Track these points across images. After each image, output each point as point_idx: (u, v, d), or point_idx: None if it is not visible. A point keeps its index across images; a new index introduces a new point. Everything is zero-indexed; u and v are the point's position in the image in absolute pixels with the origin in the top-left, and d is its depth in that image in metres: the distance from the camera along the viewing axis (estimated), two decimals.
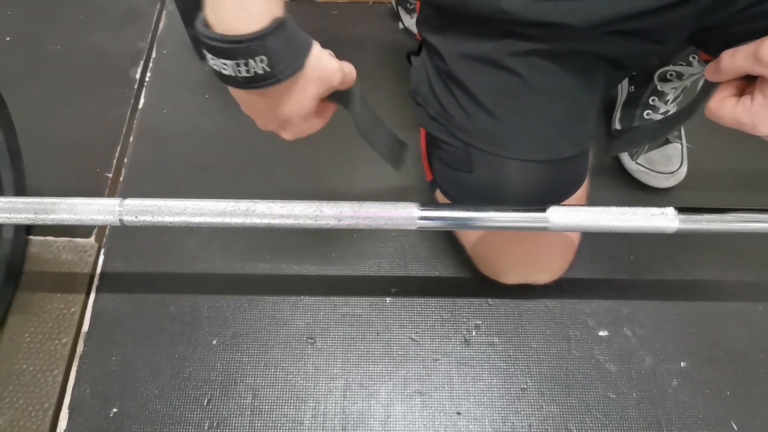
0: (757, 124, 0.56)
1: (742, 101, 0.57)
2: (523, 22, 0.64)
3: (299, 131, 0.59)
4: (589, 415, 0.87)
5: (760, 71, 0.54)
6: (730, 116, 0.58)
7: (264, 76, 0.50)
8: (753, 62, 0.54)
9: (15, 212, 0.70)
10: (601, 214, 0.68)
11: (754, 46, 0.54)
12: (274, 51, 0.48)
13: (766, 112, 0.55)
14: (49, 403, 0.86)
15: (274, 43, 0.48)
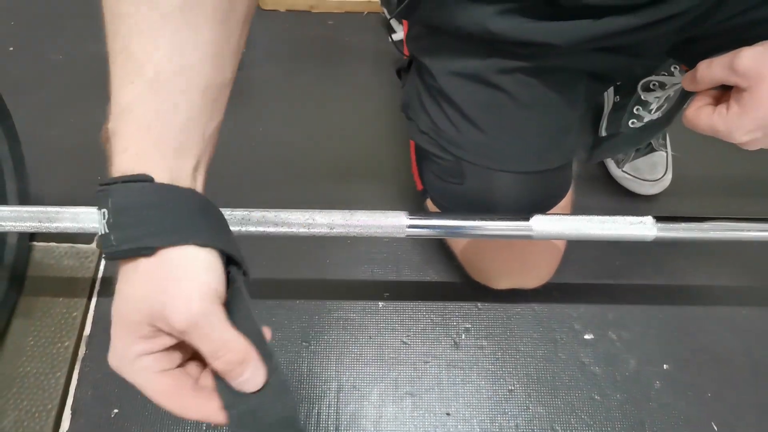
0: (732, 131, 0.58)
1: (718, 110, 0.59)
2: (509, 42, 0.66)
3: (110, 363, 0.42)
4: (575, 416, 0.89)
5: (734, 81, 0.56)
6: (706, 124, 0.60)
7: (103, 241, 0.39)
8: (728, 72, 0.56)
9: (20, 221, 0.72)
10: (582, 222, 0.71)
11: (730, 57, 0.56)
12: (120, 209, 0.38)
13: (740, 120, 0.57)
14: (52, 405, 0.89)
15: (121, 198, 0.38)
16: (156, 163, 0.39)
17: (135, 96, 0.39)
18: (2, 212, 0.73)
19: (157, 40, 0.39)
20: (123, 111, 0.39)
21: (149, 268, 0.38)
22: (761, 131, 0.57)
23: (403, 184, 1.06)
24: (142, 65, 0.39)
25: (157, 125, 0.39)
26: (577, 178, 0.92)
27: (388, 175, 1.09)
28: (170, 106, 0.40)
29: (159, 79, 0.39)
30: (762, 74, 0.53)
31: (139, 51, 0.39)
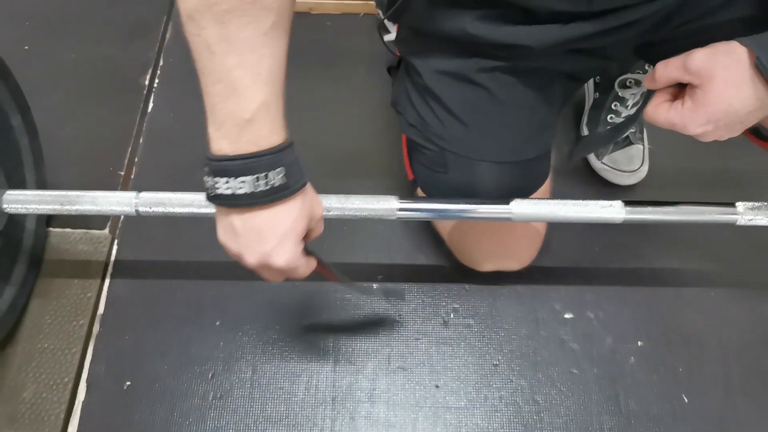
0: (686, 125, 0.63)
1: (674, 105, 0.65)
2: (488, 44, 0.73)
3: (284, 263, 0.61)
4: (554, 389, 0.96)
5: (688, 79, 0.62)
6: (664, 119, 0.66)
7: (280, 188, 0.56)
8: (682, 72, 0.62)
9: (43, 203, 0.79)
10: (557, 206, 0.78)
11: (683, 58, 0.62)
12: (290, 164, 0.57)
13: (694, 114, 0.62)
14: (69, 378, 0.95)
15: (289, 157, 0.57)
16: (285, 134, 0.58)
17: (265, 92, 0.54)
18: (27, 196, 0.80)
19: (263, 51, 0.53)
20: (261, 104, 0.54)
21: (306, 193, 0.62)
22: (712, 124, 0.62)
23: (396, 176, 1.12)
24: (259, 72, 0.53)
25: (280, 111, 0.57)
26: (558, 169, 0.98)
27: (381, 168, 1.15)
28: (280, 95, 0.57)
29: (272, 79, 0.55)
30: (712, 73, 0.59)
31: (254, 62, 0.53)
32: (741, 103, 0.60)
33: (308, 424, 0.93)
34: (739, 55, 0.58)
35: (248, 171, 0.55)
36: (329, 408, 0.94)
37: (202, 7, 0.50)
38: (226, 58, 0.52)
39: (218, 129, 0.55)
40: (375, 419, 0.93)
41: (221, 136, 0.55)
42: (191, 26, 0.52)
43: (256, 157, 0.55)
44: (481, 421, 0.93)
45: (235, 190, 0.56)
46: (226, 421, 0.92)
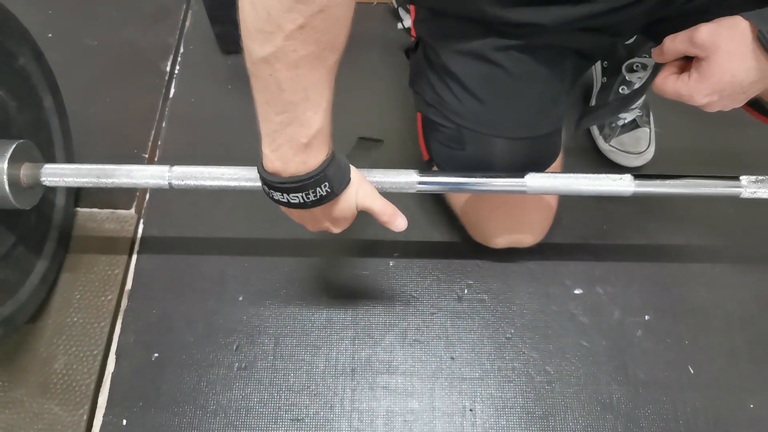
0: (693, 95, 0.68)
1: (681, 77, 0.69)
2: (503, 23, 0.77)
3: (344, 224, 0.75)
4: (565, 360, 0.99)
5: (694, 52, 0.66)
6: (672, 89, 0.70)
7: (327, 197, 0.65)
8: (689, 45, 0.66)
9: (80, 176, 0.82)
10: (570, 179, 0.81)
11: (690, 32, 0.66)
12: (332, 177, 0.64)
13: (700, 85, 0.66)
14: (98, 350, 0.99)
15: (331, 171, 0.64)
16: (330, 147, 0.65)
17: (322, 120, 0.61)
18: (64, 169, 0.83)
19: (324, 85, 0.59)
20: (318, 130, 0.61)
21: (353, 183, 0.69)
22: (717, 95, 0.67)
23: (410, 157, 1.17)
24: (320, 103, 0.59)
25: (330, 130, 0.63)
26: (568, 151, 1.01)
27: (395, 147, 1.19)
28: (331, 117, 0.63)
29: (329, 108, 0.61)
30: (717, 45, 0.63)
31: (317, 95, 0.59)
32: (744, 74, 0.64)
33: (329, 393, 0.96)
34: (743, 28, 0.62)
35: (299, 189, 0.63)
36: (349, 378, 0.98)
37: (279, 54, 0.54)
38: (294, 94, 0.57)
39: (274, 150, 0.62)
40: (393, 389, 0.97)
41: (276, 157, 0.62)
42: (264, 68, 0.56)
43: (305, 180, 0.62)
44: (495, 390, 0.97)
45: (289, 200, 0.65)
46: (251, 390, 0.96)
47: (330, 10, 0.53)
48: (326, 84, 0.59)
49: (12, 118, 0.87)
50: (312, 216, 0.71)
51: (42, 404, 0.94)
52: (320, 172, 0.63)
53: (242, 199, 1.12)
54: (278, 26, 0.52)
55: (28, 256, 0.93)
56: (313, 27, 0.53)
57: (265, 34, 0.53)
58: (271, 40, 0.53)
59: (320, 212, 0.70)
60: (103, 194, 1.12)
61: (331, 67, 0.58)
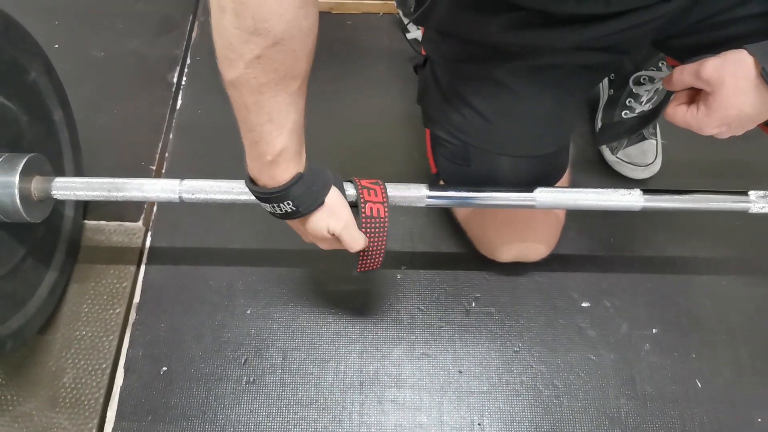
0: (701, 127, 0.70)
1: (690, 109, 0.71)
2: (511, 44, 0.77)
3: (326, 245, 0.78)
4: (573, 374, 0.99)
5: (701, 86, 0.68)
6: (681, 120, 0.72)
7: (292, 214, 0.70)
8: (695, 79, 0.68)
9: (91, 190, 0.83)
10: (579, 194, 0.82)
11: (696, 66, 0.67)
12: (298, 196, 0.68)
13: (707, 118, 0.68)
14: (107, 364, 0.99)
15: (297, 191, 0.67)
16: (301, 166, 0.68)
17: (286, 141, 0.63)
18: (75, 183, 0.84)
19: (289, 109, 0.62)
20: (282, 150, 0.64)
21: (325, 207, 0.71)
22: (725, 126, 0.69)
23: (417, 169, 1.17)
24: (284, 125, 0.62)
25: (298, 150, 0.66)
26: (574, 162, 1.02)
27: (401, 159, 1.20)
28: (300, 139, 0.66)
29: (294, 129, 0.64)
30: (722, 81, 0.65)
31: (281, 117, 0.62)
32: (750, 108, 0.66)
33: (337, 407, 0.96)
34: (747, 65, 0.64)
35: (266, 201, 0.70)
36: (357, 392, 0.98)
37: (242, 79, 0.58)
38: (259, 116, 0.61)
39: (251, 162, 0.68)
40: (401, 403, 0.97)
41: (251, 168, 0.68)
42: (232, 91, 0.60)
43: (270, 194, 0.68)
44: (503, 404, 0.97)
45: (264, 207, 0.72)
46: (259, 404, 0.96)
47: (285, 43, 0.56)
48: (291, 107, 0.62)
49: (23, 131, 0.87)
50: (294, 227, 0.77)
51: (51, 418, 0.94)
52: (284, 189, 0.67)
53: (250, 212, 1.12)
54: (239, 55, 0.56)
55: (37, 269, 0.93)
56: (270, 57, 0.56)
57: (229, 61, 0.57)
58: (234, 66, 0.57)
59: (295, 226, 0.76)
60: (111, 206, 1.12)
61: (295, 92, 0.61)
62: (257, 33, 0.54)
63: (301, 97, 0.63)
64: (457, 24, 0.79)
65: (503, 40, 0.77)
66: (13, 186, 0.78)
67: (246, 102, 0.59)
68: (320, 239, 0.75)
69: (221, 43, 0.56)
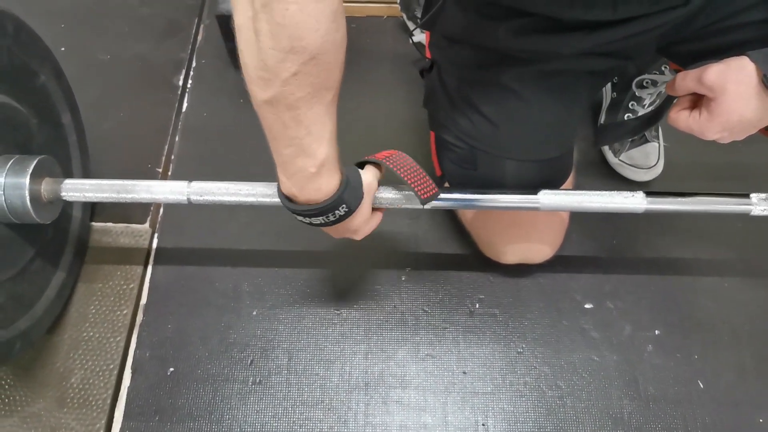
0: (703, 132, 0.71)
1: (692, 114, 0.72)
2: (518, 50, 0.78)
3: (365, 231, 0.78)
4: (576, 375, 1.00)
5: (703, 92, 0.69)
6: (683, 125, 0.73)
7: (346, 215, 0.69)
8: (698, 84, 0.69)
9: (100, 192, 0.83)
10: (583, 196, 0.82)
11: (699, 72, 0.68)
12: (348, 198, 0.68)
13: (709, 123, 0.70)
14: (114, 365, 1.00)
15: (346, 195, 0.68)
16: (341, 173, 0.68)
17: (327, 150, 0.64)
18: (84, 185, 0.84)
19: (325, 120, 0.62)
20: (324, 159, 0.64)
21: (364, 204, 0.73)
22: (727, 131, 0.70)
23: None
24: (323, 135, 0.63)
25: (337, 157, 0.66)
26: (577, 165, 1.02)
27: None
28: (337, 146, 0.66)
29: (332, 138, 0.64)
30: (724, 88, 0.66)
31: (319, 128, 0.62)
32: (752, 113, 0.67)
33: (343, 408, 0.97)
34: (749, 71, 0.65)
35: (318, 213, 0.68)
36: (362, 393, 0.98)
37: (279, 97, 0.58)
38: (298, 131, 0.61)
39: (289, 179, 0.66)
40: (406, 404, 0.98)
41: (292, 185, 0.67)
42: (267, 109, 0.60)
43: (323, 206, 0.67)
44: (507, 405, 0.98)
45: (312, 221, 0.70)
46: (265, 405, 0.97)
47: (321, 57, 0.56)
48: (327, 117, 0.63)
49: (33, 134, 0.88)
50: (334, 229, 0.74)
51: (59, 418, 0.95)
52: (337, 197, 0.67)
53: (256, 213, 1.13)
54: (275, 74, 0.56)
55: (45, 270, 0.94)
56: (307, 73, 0.56)
57: (264, 81, 0.57)
58: (270, 86, 0.57)
59: (341, 226, 0.73)
60: (118, 208, 1.12)
61: (329, 103, 0.62)
62: (294, 51, 0.54)
63: (335, 106, 0.64)
64: (465, 29, 0.80)
65: (511, 46, 0.77)
66: (24, 187, 0.78)
67: (283, 118, 0.60)
68: (364, 229, 0.77)
69: (255, 65, 0.56)
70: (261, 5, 0.52)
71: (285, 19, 0.52)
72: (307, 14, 0.53)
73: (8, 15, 0.83)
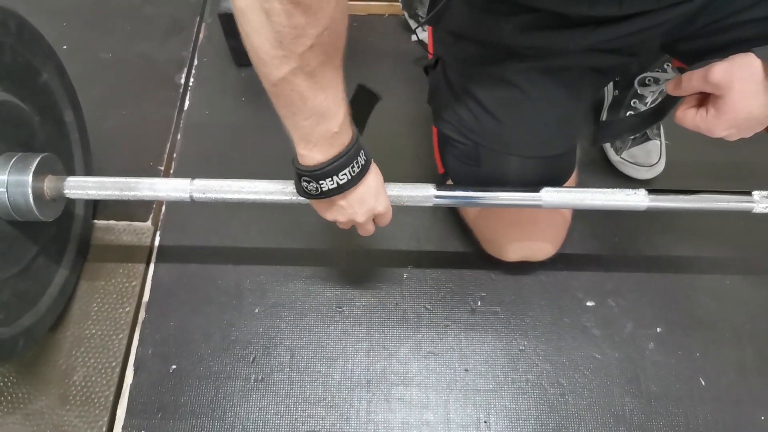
0: (711, 129, 0.72)
1: (699, 112, 0.72)
2: (523, 47, 0.78)
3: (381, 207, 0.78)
4: (578, 372, 1.00)
5: (710, 90, 0.69)
6: (691, 123, 0.73)
7: (366, 164, 0.72)
8: (704, 83, 0.69)
9: (103, 189, 0.84)
10: (585, 194, 0.83)
11: (705, 71, 0.68)
12: (364, 146, 0.71)
13: (717, 121, 0.70)
14: (116, 362, 1.00)
15: (361, 141, 0.70)
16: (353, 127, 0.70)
17: (344, 107, 0.66)
18: (87, 182, 0.85)
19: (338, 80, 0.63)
20: (344, 116, 0.66)
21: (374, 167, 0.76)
22: (735, 128, 0.70)
23: (423, 169, 1.18)
24: (338, 95, 0.64)
25: (348, 113, 0.67)
26: (579, 163, 1.02)
27: (409, 161, 1.21)
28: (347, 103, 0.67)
29: (344, 96, 0.65)
30: (730, 85, 0.66)
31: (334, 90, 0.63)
32: (759, 110, 0.67)
33: (345, 405, 0.97)
34: (755, 67, 0.65)
35: (345, 165, 0.68)
36: (365, 390, 0.99)
37: (296, 71, 0.58)
38: (316, 100, 0.62)
39: (312, 148, 0.66)
40: (408, 401, 0.98)
41: (316, 151, 0.67)
42: (285, 85, 0.60)
43: (346, 154, 0.68)
44: (509, 402, 0.98)
45: (339, 182, 0.70)
46: (267, 402, 0.97)
47: (333, 26, 0.57)
48: (338, 78, 0.63)
49: (36, 132, 0.88)
50: (358, 202, 0.75)
51: (62, 416, 0.95)
52: (355, 143, 0.69)
53: (258, 211, 1.13)
54: (291, 50, 0.56)
55: (48, 267, 0.94)
56: (321, 43, 0.57)
57: (279, 59, 0.57)
58: (287, 62, 0.57)
59: (365, 191, 0.74)
60: (120, 207, 1.13)
61: (339, 64, 0.63)
62: (309, 25, 0.55)
63: (342, 68, 0.64)
64: (471, 25, 0.80)
65: (516, 42, 0.78)
66: (27, 185, 0.79)
67: (301, 91, 0.60)
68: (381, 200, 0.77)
69: (268, 46, 0.56)
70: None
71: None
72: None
73: (11, 13, 0.83)
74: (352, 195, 0.73)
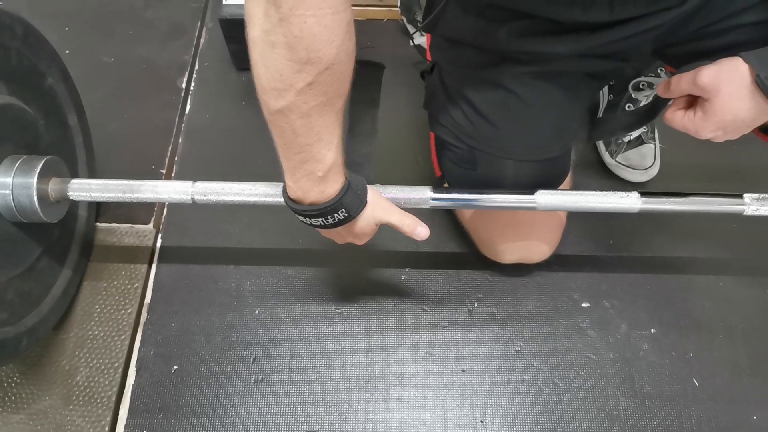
0: (698, 131, 0.73)
1: (688, 114, 0.74)
2: (518, 52, 0.80)
3: (366, 239, 0.80)
4: (573, 372, 1.02)
5: (698, 93, 0.71)
6: (679, 124, 0.75)
7: (345, 220, 0.72)
8: (692, 86, 0.71)
9: (106, 191, 0.85)
10: (579, 196, 0.84)
11: (693, 74, 0.70)
12: (348, 203, 0.70)
13: (704, 123, 0.71)
14: (119, 363, 1.01)
15: (347, 199, 0.70)
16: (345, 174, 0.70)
17: (335, 155, 0.66)
18: (91, 185, 0.86)
19: (335, 125, 0.64)
20: (332, 164, 0.66)
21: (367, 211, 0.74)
22: (721, 130, 0.72)
23: (421, 173, 1.19)
24: (332, 141, 0.65)
25: (342, 162, 0.68)
26: (574, 166, 1.04)
27: (407, 165, 1.22)
28: (343, 151, 0.68)
29: (340, 143, 0.66)
30: (718, 88, 0.68)
31: (329, 135, 0.64)
32: (745, 113, 0.69)
33: (344, 405, 0.99)
34: (742, 72, 0.67)
35: (319, 215, 0.70)
36: (363, 390, 1.00)
37: (292, 106, 0.59)
38: (309, 138, 0.63)
39: (295, 182, 0.68)
40: (406, 401, 0.99)
41: (297, 188, 0.69)
42: (280, 118, 0.61)
43: (323, 208, 0.69)
44: (505, 402, 0.99)
45: (312, 223, 0.73)
46: (267, 402, 0.99)
47: (335, 67, 0.58)
48: (336, 124, 0.64)
49: (40, 135, 0.90)
50: (336, 233, 0.77)
51: (65, 415, 0.96)
52: (337, 200, 0.69)
53: (258, 214, 1.15)
54: (290, 85, 0.57)
55: (51, 268, 0.96)
56: (321, 82, 0.58)
57: (278, 91, 0.58)
58: (284, 96, 0.58)
59: (342, 230, 0.75)
60: (122, 209, 1.14)
61: (340, 110, 0.64)
62: (310, 62, 0.56)
63: (343, 113, 0.65)
64: (466, 32, 0.82)
65: (511, 48, 0.79)
66: (32, 187, 0.80)
67: (294, 126, 0.61)
68: (366, 235, 0.79)
69: (269, 76, 0.57)
70: (279, 19, 0.53)
71: (303, 32, 0.54)
72: (324, 26, 0.54)
73: (18, 18, 0.85)
74: (330, 231, 0.76)
